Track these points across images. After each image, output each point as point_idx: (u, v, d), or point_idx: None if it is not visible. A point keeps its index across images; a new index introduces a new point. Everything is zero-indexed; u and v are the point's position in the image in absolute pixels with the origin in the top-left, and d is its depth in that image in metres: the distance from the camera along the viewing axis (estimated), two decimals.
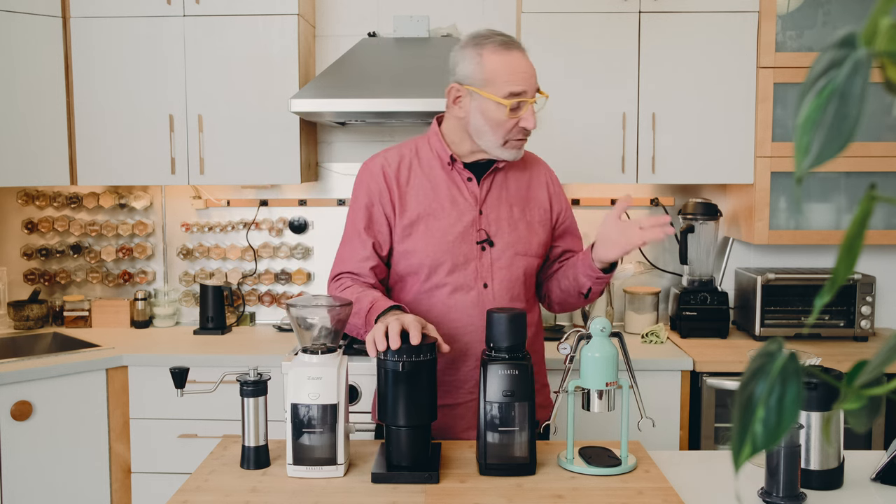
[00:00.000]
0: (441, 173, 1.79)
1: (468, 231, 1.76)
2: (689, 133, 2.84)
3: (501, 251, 1.77)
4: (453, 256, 1.75)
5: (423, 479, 1.50)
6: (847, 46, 0.54)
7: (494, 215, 1.79)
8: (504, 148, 1.73)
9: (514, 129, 1.70)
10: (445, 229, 1.75)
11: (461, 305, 1.75)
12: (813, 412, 1.49)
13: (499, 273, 1.77)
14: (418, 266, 1.76)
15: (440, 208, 1.77)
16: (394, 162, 1.80)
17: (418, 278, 1.77)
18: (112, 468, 2.70)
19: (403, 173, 1.79)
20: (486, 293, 1.76)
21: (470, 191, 1.79)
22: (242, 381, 1.60)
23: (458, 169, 1.79)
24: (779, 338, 0.63)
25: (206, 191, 3.26)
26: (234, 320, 3.21)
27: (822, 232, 2.86)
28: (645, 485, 1.50)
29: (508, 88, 1.67)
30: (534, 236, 1.82)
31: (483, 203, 1.79)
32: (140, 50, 2.90)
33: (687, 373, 2.63)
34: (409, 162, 1.80)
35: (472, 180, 1.79)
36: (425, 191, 1.78)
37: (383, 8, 3.18)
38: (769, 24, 2.79)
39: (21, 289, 3.25)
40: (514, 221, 1.80)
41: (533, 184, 1.86)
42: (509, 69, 1.68)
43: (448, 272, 1.75)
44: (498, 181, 1.82)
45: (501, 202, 1.80)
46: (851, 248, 0.57)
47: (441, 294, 1.76)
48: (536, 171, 1.88)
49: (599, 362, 1.53)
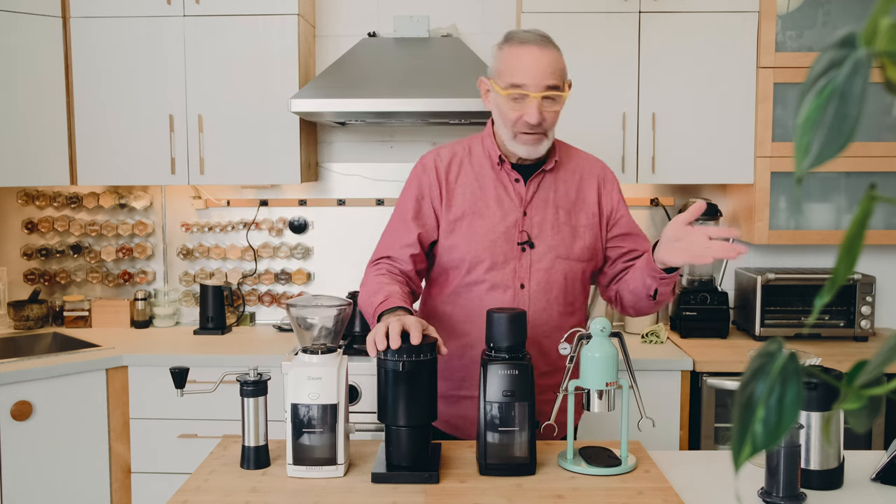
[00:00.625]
0: (490, 172, 1.81)
1: (510, 231, 1.78)
2: (689, 133, 2.84)
3: (542, 254, 1.78)
4: (493, 255, 1.77)
5: (423, 479, 1.50)
6: (847, 46, 0.54)
7: (539, 217, 1.79)
8: (515, 141, 1.74)
9: (518, 121, 1.71)
10: (488, 228, 1.78)
11: (497, 303, 1.77)
12: (813, 412, 1.49)
13: (536, 275, 1.77)
14: (459, 261, 1.79)
15: (485, 207, 1.79)
16: (446, 158, 1.84)
17: (459, 273, 1.80)
18: (112, 468, 2.70)
19: (454, 170, 1.82)
20: (522, 293, 1.78)
21: (516, 191, 1.80)
22: (242, 381, 1.60)
23: (506, 169, 1.81)
24: (779, 338, 0.63)
25: (206, 191, 3.26)
26: (234, 320, 3.21)
27: (822, 232, 2.86)
28: (645, 485, 1.50)
29: (510, 80, 1.70)
30: (578, 240, 1.81)
31: (528, 205, 1.80)
32: (140, 50, 2.90)
33: (687, 373, 2.63)
34: (461, 159, 1.84)
35: (519, 181, 1.80)
36: (472, 189, 1.80)
37: (383, 8, 3.18)
38: (769, 24, 2.79)
39: (21, 289, 3.25)
40: (559, 225, 1.80)
41: (584, 185, 1.84)
42: (515, 61, 1.70)
43: (487, 270, 1.77)
44: (546, 183, 1.82)
45: (548, 205, 1.80)
46: (851, 248, 0.57)
47: (479, 290, 1.78)
48: (589, 173, 1.86)
49: (599, 362, 1.53)
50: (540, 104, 1.69)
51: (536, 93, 1.68)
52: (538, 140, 1.73)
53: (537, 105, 1.68)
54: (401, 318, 1.52)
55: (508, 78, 1.70)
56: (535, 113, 1.68)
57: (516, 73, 1.69)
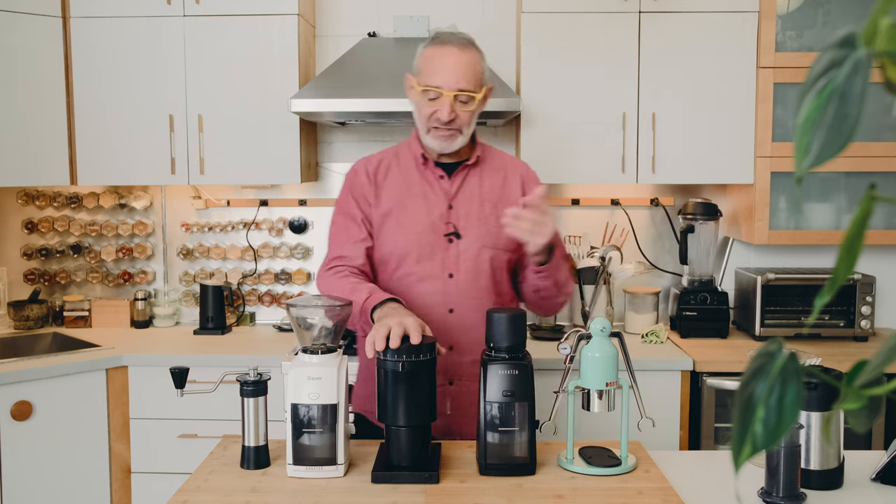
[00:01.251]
0: (415, 171, 1.91)
1: (436, 224, 1.86)
2: (689, 133, 2.84)
3: (469, 244, 1.85)
4: (420, 247, 1.84)
5: (423, 479, 1.50)
6: (847, 46, 0.54)
7: (464, 210, 1.87)
8: (429, 136, 1.84)
9: (431, 117, 1.81)
10: (414, 222, 1.86)
11: (427, 294, 1.84)
12: (813, 412, 1.49)
13: (465, 264, 1.84)
14: (389, 255, 1.86)
15: (411, 203, 1.88)
16: (374, 162, 1.94)
17: (389, 267, 1.87)
18: (112, 468, 2.70)
19: (381, 172, 1.92)
20: (451, 283, 1.85)
21: (441, 187, 1.89)
22: (242, 381, 1.60)
23: (430, 167, 1.90)
24: (779, 338, 0.63)
25: (206, 191, 3.26)
26: (234, 320, 3.21)
27: (822, 232, 2.86)
28: (645, 485, 1.50)
29: (426, 79, 1.80)
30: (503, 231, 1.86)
31: (454, 198, 1.88)
32: (140, 50, 2.90)
33: (687, 373, 2.63)
34: (388, 163, 1.94)
35: (444, 177, 1.89)
36: (399, 187, 1.89)
37: (383, 8, 3.18)
38: (769, 24, 2.79)
39: (21, 289, 3.25)
40: (485, 216, 1.88)
41: (508, 182, 1.94)
42: (433, 62, 1.81)
43: (416, 262, 1.85)
44: (471, 179, 1.91)
45: (473, 198, 1.89)
46: (851, 248, 0.57)
47: (409, 282, 1.85)
48: (513, 172, 1.96)
49: (599, 362, 1.53)
50: (452, 103, 1.78)
51: (449, 92, 1.78)
52: (451, 137, 1.83)
53: (449, 103, 1.78)
54: (402, 321, 1.53)
55: (425, 77, 1.81)
56: (446, 111, 1.78)
57: (433, 73, 1.79)
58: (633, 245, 3.19)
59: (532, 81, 2.84)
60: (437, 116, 1.79)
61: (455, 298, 1.84)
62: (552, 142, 2.84)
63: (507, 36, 3.16)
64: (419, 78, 1.83)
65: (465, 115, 1.81)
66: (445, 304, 1.84)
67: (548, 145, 2.85)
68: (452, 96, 1.78)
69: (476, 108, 1.83)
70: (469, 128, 1.84)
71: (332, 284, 1.79)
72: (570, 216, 3.20)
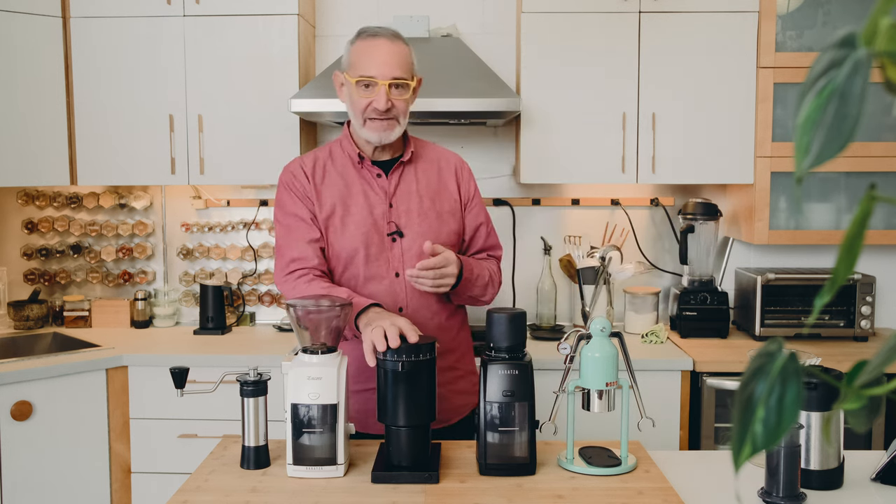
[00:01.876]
0: (353, 171, 1.91)
1: (379, 223, 1.87)
2: (689, 133, 2.84)
3: (412, 241, 1.86)
4: (366, 247, 1.85)
5: (423, 479, 1.50)
6: (847, 46, 0.54)
7: (405, 207, 1.88)
8: (365, 128, 1.83)
9: (367, 108, 1.80)
10: (357, 223, 1.86)
11: (375, 294, 1.84)
12: (813, 412, 1.49)
13: (410, 262, 1.85)
14: (335, 257, 1.86)
15: (353, 203, 1.88)
16: (309, 163, 1.92)
17: (337, 269, 1.87)
18: (112, 468, 2.70)
19: (318, 172, 1.91)
20: (398, 282, 1.86)
21: (380, 185, 1.89)
22: (242, 381, 1.60)
23: (367, 166, 1.90)
24: (779, 338, 0.63)
25: (206, 191, 3.26)
26: (234, 320, 3.21)
27: (822, 232, 2.86)
28: (645, 485, 1.50)
29: (360, 70, 1.80)
30: (444, 226, 1.91)
31: (393, 196, 1.89)
32: (140, 50, 2.90)
33: (687, 373, 2.63)
34: (323, 163, 1.92)
35: (381, 176, 1.90)
36: (339, 187, 1.89)
37: (383, 8, 3.18)
38: (769, 24, 2.79)
39: (21, 289, 3.25)
40: (424, 212, 1.89)
41: (443, 175, 1.95)
42: (365, 53, 1.81)
43: (363, 262, 1.85)
44: (407, 175, 1.91)
45: (411, 194, 1.89)
46: (851, 248, 0.57)
47: (357, 283, 1.87)
48: (446, 163, 1.97)
49: (599, 362, 1.53)
50: (388, 91, 1.79)
51: (384, 81, 1.78)
52: (389, 126, 1.82)
53: (385, 92, 1.78)
54: (394, 322, 1.55)
55: (359, 69, 1.80)
56: (382, 99, 1.78)
57: (366, 64, 1.80)
58: (633, 245, 3.19)
59: (532, 81, 2.84)
60: (374, 106, 1.79)
61: (403, 297, 1.86)
62: (552, 142, 2.84)
63: (507, 36, 3.16)
64: (351, 71, 1.82)
65: (400, 104, 1.82)
66: (395, 303, 1.85)
67: (548, 145, 2.85)
68: (388, 84, 1.78)
69: (410, 97, 1.84)
70: (405, 117, 1.85)
71: (301, 290, 1.77)
72: (570, 216, 3.20)
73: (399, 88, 1.81)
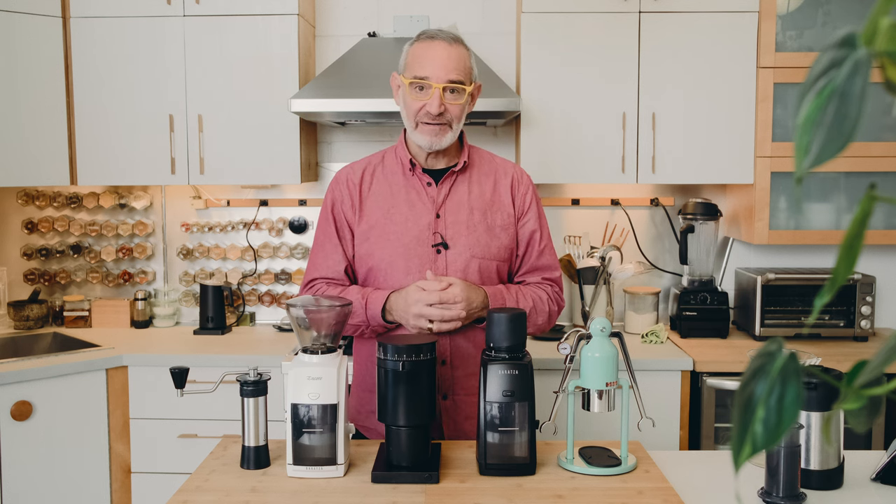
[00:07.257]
0: (401, 179, 1.85)
1: (424, 234, 1.80)
2: (689, 133, 2.84)
3: (457, 254, 1.80)
4: (407, 259, 1.79)
5: (423, 479, 1.50)
6: (847, 46, 0.54)
7: (453, 218, 1.82)
8: (417, 132, 1.79)
9: (420, 111, 1.76)
10: (401, 233, 1.80)
11: None
12: (813, 412, 1.49)
13: (453, 276, 1.77)
14: (375, 268, 1.82)
15: (398, 213, 1.82)
16: (358, 170, 1.88)
17: (376, 280, 1.83)
18: (112, 468, 2.70)
19: (366, 180, 1.87)
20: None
21: (429, 195, 1.83)
22: (242, 381, 1.60)
23: (417, 174, 1.84)
24: (779, 338, 0.63)
25: (206, 191, 3.26)
26: (234, 320, 3.21)
27: (822, 232, 2.86)
28: (645, 485, 1.50)
29: (414, 72, 1.76)
30: (494, 240, 1.84)
31: (441, 207, 1.83)
32: (140, 50, 2.90)
33: (687, 373, 2.63)
34: (374, 169, 1.88)
35: (431, 185, 1.84)
36: (384, 196, 1.84)
37: (383, 8, 3.18)
38: (769, 24, 2.79)
39: (21, 289, 3.25)
40: (474, 224, 1.82)
41: (499, 187, 1.88)
42: (420, 55, 1.77)
43: (404, 274, 1.79)
44: (460, 185, 1.85)
45: (461, 205, 1.83)
46: (851, 248, 0.57)
47: None
48: (503, 174, 1.90)
49: (599, 362, 1.53)
50: (441, 95, 1.74)
51: (438, 84, 1.73)
52: (441, 131, 1.77)
53: (439, 95, 1.74)
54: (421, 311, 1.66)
55: (414, 70, 1.76)
56: (435, 102, 1.74)
57: (421, 66, 1.75)
58: (633, 245, 3.19)
59: (532, 81, 2.84)
60: (427, 110, 1.74)
61: None
62: (552, 142, 2.84)
63: (507, 36, 3.16)
64: (406, 73, 1.78)
65: (454, 109, 1.76)
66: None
67: (548, 145, 2.85)
68: (441, 88, 1.73)
69: (465, 102, 1.78)
70: (459, 123, 1.79)
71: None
72: (570, 216, 3.20)
73: (454, 93, 1.75)
